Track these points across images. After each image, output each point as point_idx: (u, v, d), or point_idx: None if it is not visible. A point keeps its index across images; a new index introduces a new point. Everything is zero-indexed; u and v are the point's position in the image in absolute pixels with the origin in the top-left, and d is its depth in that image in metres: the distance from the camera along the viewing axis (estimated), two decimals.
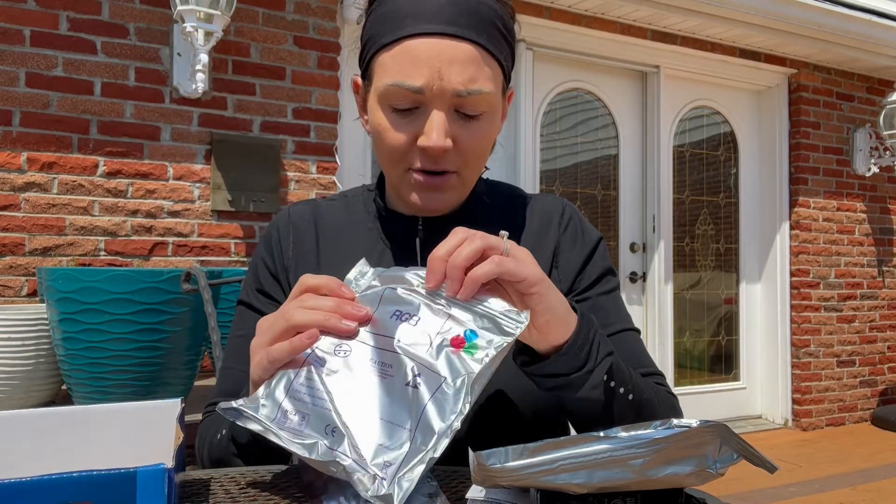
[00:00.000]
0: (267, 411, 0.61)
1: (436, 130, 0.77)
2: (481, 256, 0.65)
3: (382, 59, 0.80)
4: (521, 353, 0.72)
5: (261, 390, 0.63)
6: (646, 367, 0.87)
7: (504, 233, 0.68)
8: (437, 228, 0.89)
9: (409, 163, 0.82)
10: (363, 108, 0.89)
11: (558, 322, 0.69)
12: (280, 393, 0.62)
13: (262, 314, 0.88)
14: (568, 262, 0.91)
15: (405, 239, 0.90)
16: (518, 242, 0.92)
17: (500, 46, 0.82)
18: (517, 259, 0.66)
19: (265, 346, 0.65)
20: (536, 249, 0.91)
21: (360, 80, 0.89)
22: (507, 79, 0.86)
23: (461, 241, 0.66)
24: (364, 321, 0.64)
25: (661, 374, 0.89)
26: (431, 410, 0.58)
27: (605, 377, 0.71)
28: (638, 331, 0.92)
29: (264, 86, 2.99)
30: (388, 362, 0.61)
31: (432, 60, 0.76)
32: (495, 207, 0.95)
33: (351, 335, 0.63)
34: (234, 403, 0.62)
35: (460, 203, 0.90)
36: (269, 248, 0.93)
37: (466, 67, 0.77)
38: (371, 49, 0.83)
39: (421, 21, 0.77)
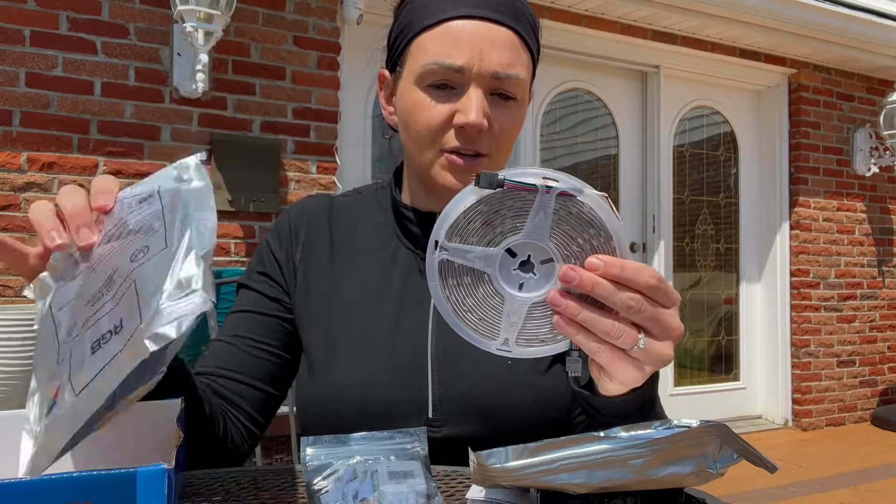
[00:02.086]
0: None
1: (474, 108, 0.78)
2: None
3: (422, 41, 0.81)
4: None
5: None
6: None
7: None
8: None
9: (443, 143, 0.81)
10: (388, 100, 0.89)
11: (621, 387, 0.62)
12: None
13: (258, 293, 0.89)
14: None
15: (420, 236, 0.89)
16: None
17: (533, 41, 0.84)
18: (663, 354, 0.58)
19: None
20: None
21: (386, 73, 0.89)
22: (533, 76, 0.87)
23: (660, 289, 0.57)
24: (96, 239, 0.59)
25: None
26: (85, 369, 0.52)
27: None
28: None
29: (264, 86, 2.99)
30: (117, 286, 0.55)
31: (474, 42, 0.78)
32: None
33: (60, 248, 0.59)
34: None
35: None
36: (278, 238, 0.93)
37: (505, 51, 0.79)
38: (408, 35, 0.83)
39: (463, 5, 0.79)
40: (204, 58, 2.61)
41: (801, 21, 3.97)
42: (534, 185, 0.53)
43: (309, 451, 0.62)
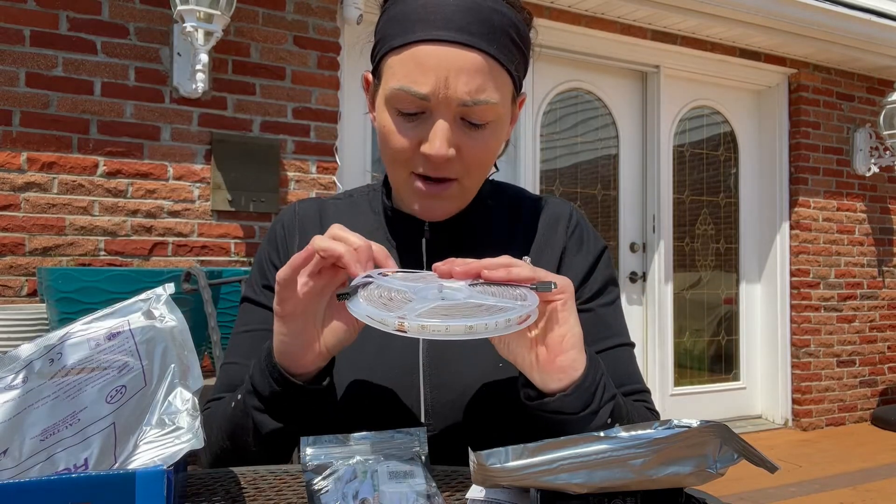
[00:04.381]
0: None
1: (438, 139, 0.77)
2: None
3: (391, 62, 0.80)
4: (525, 386, 0.72)
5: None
6: (634, 385, 0.88)
7: (527, 258, 0.71)
8: (444, 229, 0.89)
9: (412, 167, 0.82)
10: (372, 104, 0.89)
11: (572, 343, 0.69)
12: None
13: (268, 309, 0.87)
14: (572, 268, 0.91)
15: (411, 239, 0.90)
16: (524, 244, 0.92)
17: (511, 56, 0.81)
18: (546, 271, 0.70)
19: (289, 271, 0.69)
20: (543, 249, 0.91)
21: (370, 77, 0.89)
22: (517, 87, 0.85)
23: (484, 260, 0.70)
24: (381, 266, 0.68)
25: (647, 391, 0.90)
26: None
27: (608, 420, 0.71)
28: (633, 344, 0.93)
29: (264, 86, 2.99)
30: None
31: (439, 68, 0.76)
32: (501, 209, 0.95)
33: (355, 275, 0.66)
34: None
35: (461, 209, 0.90)
36: (273, 244, 0.93)
37: (474, 77, 0.77)
38: (381, 50, 0.83)
39: (431, 27, 0.77)
40: (204, 58, 2.61)
41: (801, 21, 3.97)
42: (366, 279, 0.67)
43: (309, 451, 0.62)
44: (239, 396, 0.77)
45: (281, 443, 0.77)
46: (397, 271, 0.70)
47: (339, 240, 0.67)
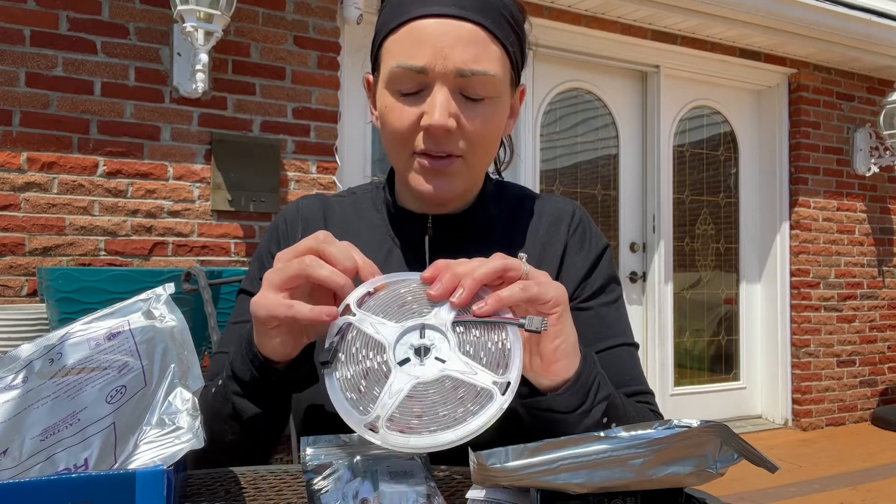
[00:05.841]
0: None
1: (438, 109, 0.77)
2: (501, 278, 0.65)
3: (389, 45, 0.81)
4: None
5: None
6: (636, 385, 0.87)
7: (523, 255, 0.68)
8: (447, 226, 0.89)
9: (414, 146, 0.81)
10: (373, 103, 0.88)
11: (567, 351, 0.68)
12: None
13: None
14: (573, 266, 0.91)
15: (414, 237, 0.89)
16: (526, 243, 0.91)
17: (507, 33, 0.81)
18: (540, 282, 0.66)
19: (273, 288, 0.64)
20: (545, 247, 0.91)
21: (370, 76, 0.89)
22: (515, 70, 0.85)
23: (479, 262, 0.65)
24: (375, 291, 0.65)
25: (649, 392, 0.88)
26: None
27: (602, 419, 0.71)
28: (636, 345, 0.91)
29: (264, 86, 2.99)
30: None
31: (435, 40, 0.77)
32: (503, 207, 0.94)
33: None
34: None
35: (468, 192, 0.89)
36: (276, 238, 0.93)
37: (469, 47, 0.77)
38: (378, 39, 0.84)
39: (426, 4, 0.78)
40: (204, 58, 2.61)
41: (801, 21, 3.97)
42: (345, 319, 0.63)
43: (309, 451, 0.62)
44: (220, 382, 0.77)
45: (262, 427, 0.76)
46: (384, 280, 0.67)
47: (327, 258, 0.64)
